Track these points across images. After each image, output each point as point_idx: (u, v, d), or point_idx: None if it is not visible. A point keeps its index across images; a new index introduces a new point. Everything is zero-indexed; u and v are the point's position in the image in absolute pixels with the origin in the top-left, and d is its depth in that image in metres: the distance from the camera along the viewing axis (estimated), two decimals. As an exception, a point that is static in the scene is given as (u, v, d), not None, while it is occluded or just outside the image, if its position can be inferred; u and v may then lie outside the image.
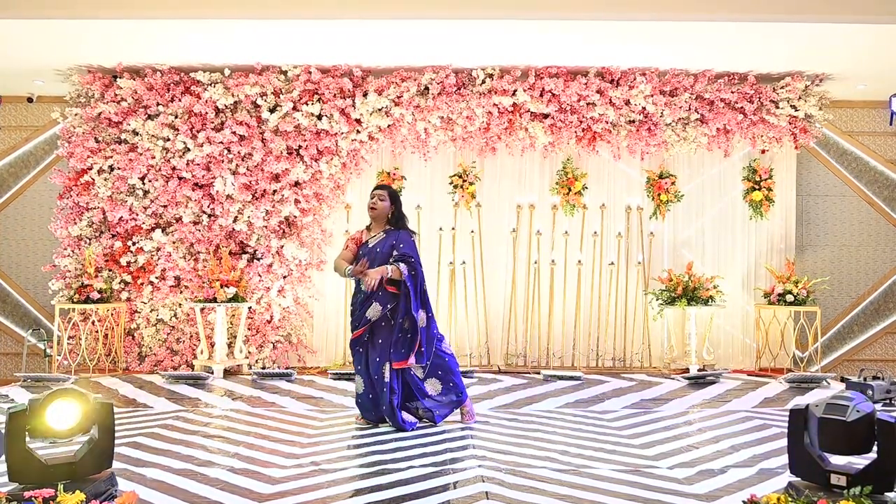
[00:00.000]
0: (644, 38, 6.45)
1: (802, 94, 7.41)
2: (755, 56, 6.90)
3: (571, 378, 6.63)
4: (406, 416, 4.89)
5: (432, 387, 5.00)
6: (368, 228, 5.15)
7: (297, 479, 3.72)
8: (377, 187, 5.13)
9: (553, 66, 7.19)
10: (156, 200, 7.25)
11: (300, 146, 7.32)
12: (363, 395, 4.99)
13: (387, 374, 4.83)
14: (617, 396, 6.04)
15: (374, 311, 4.84)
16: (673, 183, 7.66)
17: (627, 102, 7.33)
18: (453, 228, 7.71)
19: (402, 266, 4.81)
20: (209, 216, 7.30)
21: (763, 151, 7.67)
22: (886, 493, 3.01)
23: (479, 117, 7.27)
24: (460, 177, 7.60)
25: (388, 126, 7.34)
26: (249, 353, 7.25)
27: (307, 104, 7.18)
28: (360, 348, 4.93)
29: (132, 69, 7.31)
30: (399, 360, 4.81)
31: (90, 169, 7.28)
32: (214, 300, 6.85)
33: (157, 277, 7.25)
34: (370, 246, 4.99)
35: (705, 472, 3.88)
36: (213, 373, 6.74)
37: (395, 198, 5.05)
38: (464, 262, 7.73)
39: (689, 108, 7.38)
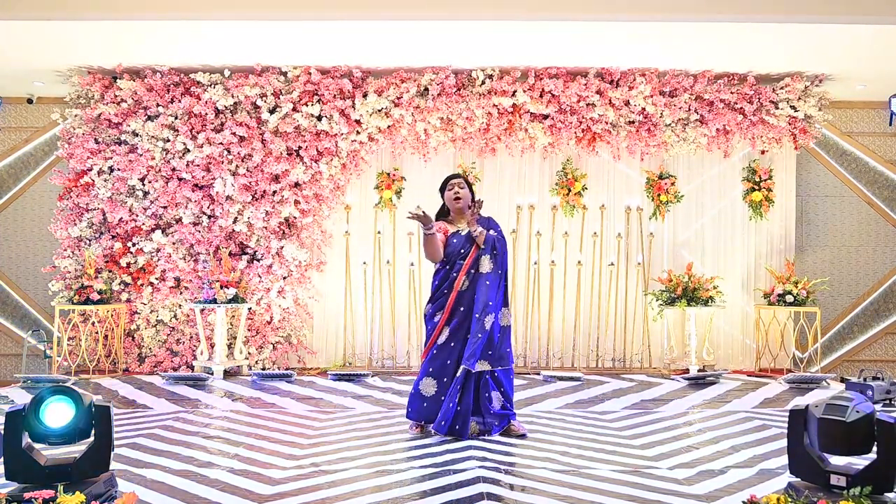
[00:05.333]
0: (644, 39, 6.45)
1: (802, 94, 7.41)
2: (755, 56, 6.90)
3: (571, 379, 6.62)
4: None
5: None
6: (448, 221, 4.93)
7: (296, 481, 3.72)
8: (453, 177, 4.90)
9: (553, 66, 7.19)
10: (156, 201, 7.26)
11: (300, 147, 7.32)
12: None
13: None
14: (617, 397, 6.04)
15: None
16: (673, 183, 7.66)
17: (627, 103, 7.33)
18: (453, 229, 7.70)
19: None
20: (209, 217, 7.30)
21: (763, 152, 7.67)
22: (886, 494, 3.01)
23: (479, 118, 7.27)
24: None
25: (388, 127, 7.34)
26: (249, 354, 7.25)
27: (307, 105, 7.18)
28: None
29: (132, 70, 7.31)
30: None
31: (90, 170, 7.28)
32: (214, 301, 6.85)
33: (156, 278, 7.25)
34: (462, 234, 4.79)
35: (705, 472, 3.88)
36: (212, 374, 6.74)
37: (470, 185, 4.92)
38: (464, 263, 7.72)
39: (689, 109, 7.38)
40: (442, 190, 4.97)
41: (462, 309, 4.68)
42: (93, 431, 3.25)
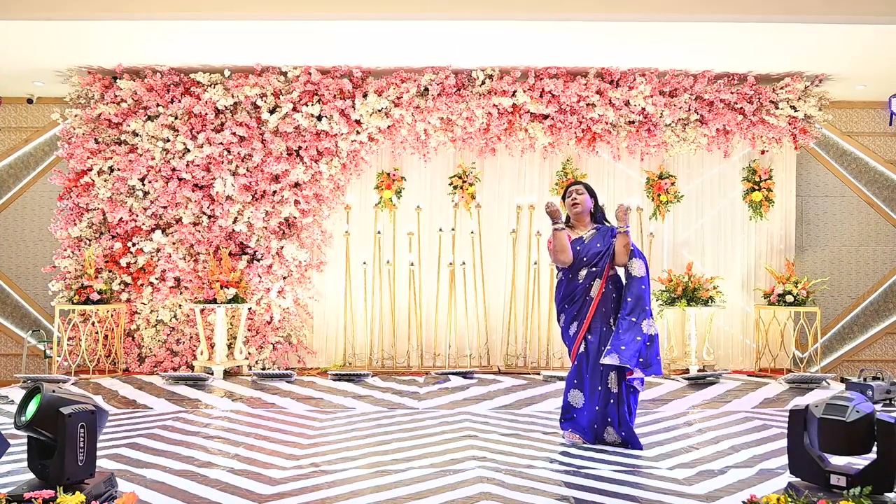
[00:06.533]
0: (644, 39, 6.45)
1: (802, 94, 7.41)
2: (755, 56, 6.90)
3: (571, 379, 6.61)
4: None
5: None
6: (570, 227, 4.82)
7: (296, 481, 3.72)
8: (573, 184, 4.83)
9: (553, 66, 7.19)
10: (156, 201, 7.26)
11: (300, 147, 7.32)
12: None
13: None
14: (617, 397, 6.03)
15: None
16: (673, 183, 7.66)
17: (627, 103, 7.33)
18: (453, 229, 7.71)
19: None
20: (209, 217, 7.30)
21: (763, 152, 7.67)
22: (886, 494, 3.02)
23: (479, 118, 7.27)
24: (460, 178, 7.60)
25: (388, 127, 7.34)
26: (249, 354, 7.24)
27: (307, 105, 7.18)
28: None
29: (132, 70, 7.31)
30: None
31: (90, 170, 7.28)
32: (214, 301, 6.85)
33: (156, 278, 7.25)
34: (586, 242, 4.71)
35: (705, 472, 3.89)
36: (212, 374, 6.74)
37: (592, 192, 4.85)
38: (464, 263, 7.73)
39: (689, 109, 7.38)
40: (563, 199, 4.90)
41: (602, 317, 4.57)
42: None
